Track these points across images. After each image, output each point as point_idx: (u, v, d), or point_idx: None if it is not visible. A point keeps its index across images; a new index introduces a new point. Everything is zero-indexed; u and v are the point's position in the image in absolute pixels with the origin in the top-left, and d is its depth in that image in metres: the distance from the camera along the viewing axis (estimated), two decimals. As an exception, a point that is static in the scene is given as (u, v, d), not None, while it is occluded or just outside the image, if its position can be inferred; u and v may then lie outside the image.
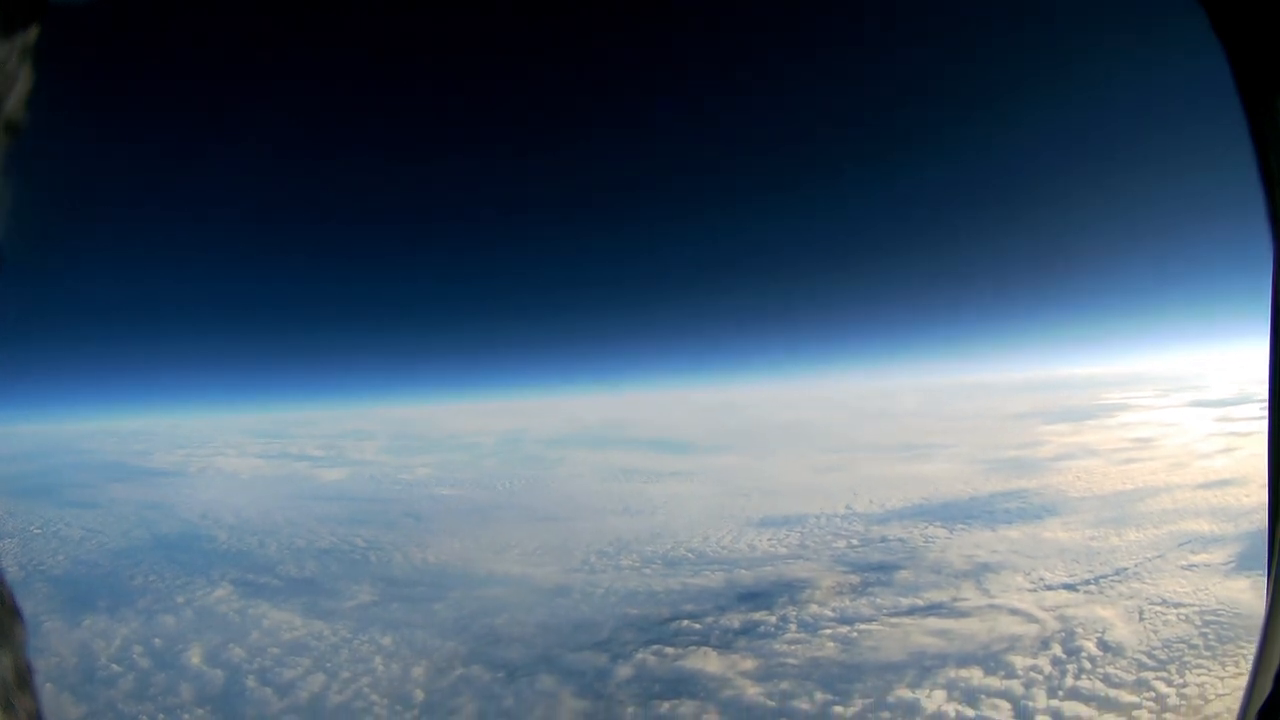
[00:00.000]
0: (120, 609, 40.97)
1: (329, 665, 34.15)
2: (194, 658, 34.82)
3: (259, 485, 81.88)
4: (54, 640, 36.17)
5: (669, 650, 34.12)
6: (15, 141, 2.42)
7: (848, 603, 38.90)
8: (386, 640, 36.43)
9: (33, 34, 2.42)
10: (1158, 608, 36.39)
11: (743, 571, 44.81)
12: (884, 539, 50.11)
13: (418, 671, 33.15)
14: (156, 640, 36.79)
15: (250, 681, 32.78)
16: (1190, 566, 41.67)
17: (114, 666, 34.09)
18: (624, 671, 32.40)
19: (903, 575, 42.65)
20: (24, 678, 2.36)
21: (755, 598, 40.06)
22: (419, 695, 31.25)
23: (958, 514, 54.92)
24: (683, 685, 31.10)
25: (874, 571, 43.37)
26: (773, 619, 37.01)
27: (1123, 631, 34.00)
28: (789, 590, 40.85)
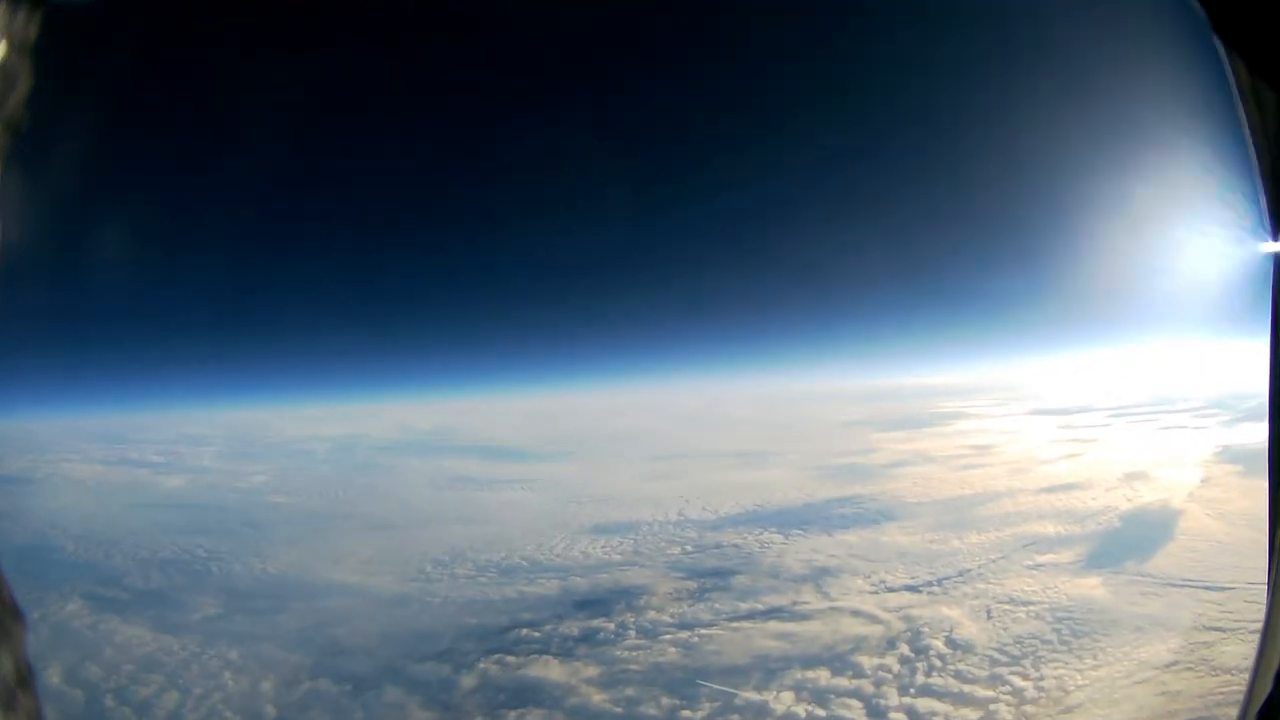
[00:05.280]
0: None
1: (181, 681, 33.07)
2: (54, 677, 32.98)
3: (103, 492, 76.19)
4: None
5: (510, 659, 34.56)
6: (15, 141, 2.52)
7: (686, 608, 39.44)
8: (233, 654, 35.40)
9: (33, 34, 2.50)
10: (1005, 606, 36.71)
11: (578, 579, 45.06)
12: (719, 545, 50.55)
13: (266, 686, 32.59)
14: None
15: (109, 701, 31.62)
16: (1037, 566, 42.09)
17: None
18: (468, 682, 32.71)
19: (740, 580, 43.23)
20: (24, 677, 2.48)
21: (593, 605, 40.47)
22: (270, 711, 30.97)
23: (793, 520, 55.17)
24: (528, 694, 31.50)
25: (710, 577, 43.93)
26: (611, 626, 37.58)
27: (971, 629, 34.29)
28: (626, 597, 41.38)
